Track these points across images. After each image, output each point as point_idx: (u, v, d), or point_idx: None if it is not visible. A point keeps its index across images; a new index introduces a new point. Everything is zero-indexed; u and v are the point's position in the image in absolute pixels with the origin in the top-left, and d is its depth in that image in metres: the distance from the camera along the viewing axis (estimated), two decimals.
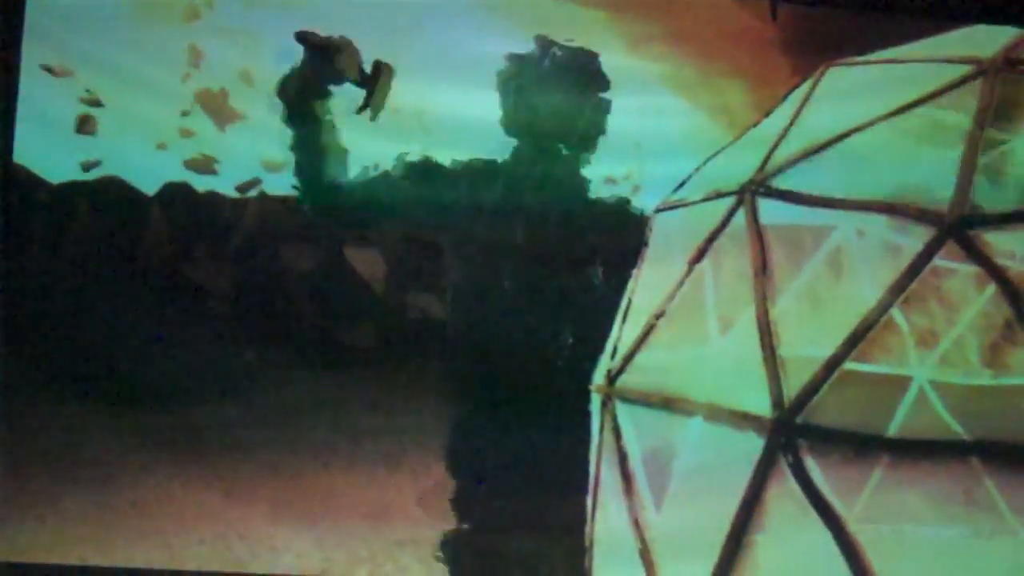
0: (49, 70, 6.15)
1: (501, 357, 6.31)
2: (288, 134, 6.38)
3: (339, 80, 6.37)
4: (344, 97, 6.39)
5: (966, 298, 6.41)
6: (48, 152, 6.21)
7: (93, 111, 6.21)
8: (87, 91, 6.20)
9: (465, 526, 6.10)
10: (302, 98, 6.38)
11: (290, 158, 6.36)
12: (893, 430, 6.34)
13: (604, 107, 6.64)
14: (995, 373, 6.38)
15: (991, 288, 6.38)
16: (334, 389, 6.16)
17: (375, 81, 6.14)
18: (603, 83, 6.67)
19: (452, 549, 6.02)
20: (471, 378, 6.26)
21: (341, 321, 6.27)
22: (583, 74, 6.63)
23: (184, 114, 6.28)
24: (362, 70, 6.15)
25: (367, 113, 6.39)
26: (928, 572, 6.24)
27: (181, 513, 5.90)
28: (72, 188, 6.23)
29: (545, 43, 6.57)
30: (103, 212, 6.25)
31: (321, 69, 6.36)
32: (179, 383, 6.04)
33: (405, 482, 6.07)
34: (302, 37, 6.32)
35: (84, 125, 6.19)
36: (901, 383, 6.36)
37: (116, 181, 6.28)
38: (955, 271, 6.40)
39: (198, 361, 6.11)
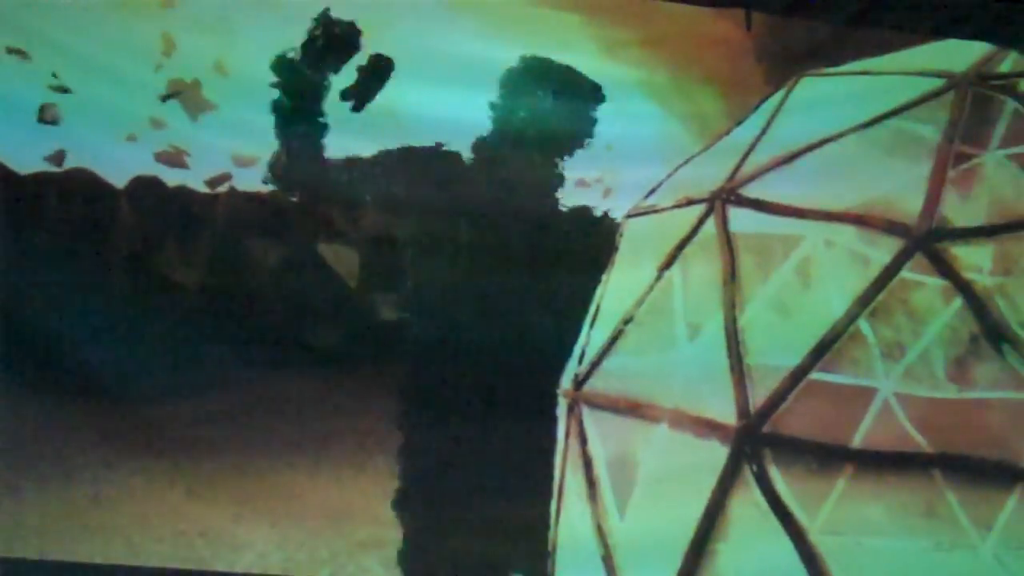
0: (17, 51, 6.10)
1: (468, 360, 6.30)
2: (268, 123, 6.35)
3: (338, 67, 6.34)
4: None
5: (933, 311, 6.43)
6: (13, 141, 6.17)
7: (58, 100, 6.17)
8: (54, 76, 6.15)
9: (428, 528, 6.09)
10: (300, 88, 6.35)
11: (262, 152, 6.33)
12: (857, 441, 6.35)
13: (585, 116, 6.64)
14: (960, 387, 6.40)
15: (958, 301, 6.41)
16: (300, 389, 6.14)
17: (372, 74, 6.11)
18: (589, 92, 6.67)
19: (414, 551, 6.01)
20: (437, 381, 6.24)
21: (308, 321, 6.25)
22: (567, 83, 6.63)
23: (156, 103, 6.24)
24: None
25: (347, 108, 6.36)
26: None
27: (143, 509, 5.86)
28: (40, 179, 6.18)
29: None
30: (71, 204, 6.21)
31: (324, 57, 6.33)
32: (144, 379, 6.01)
33: (369, 483, 6.06)
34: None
35: (45, 113, 6.14)
36: (866, 394, 6.37)
37: (85, 173, 6.24)
38: (922, 284, 6.43)
39: (163, 357, 6.07)
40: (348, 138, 6.42)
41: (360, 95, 6.17)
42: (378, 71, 6.16)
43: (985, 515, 6.36)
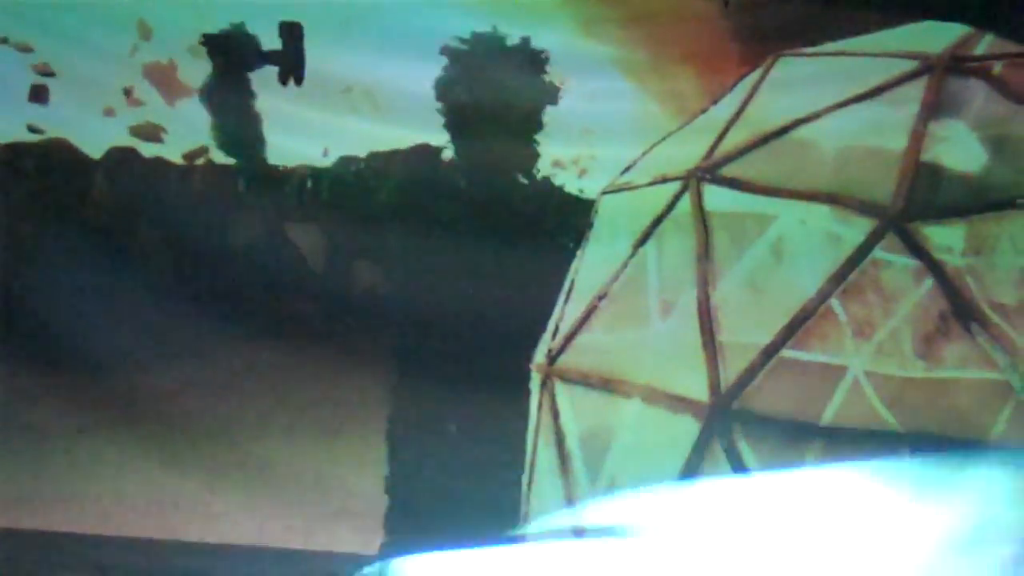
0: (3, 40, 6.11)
1: (442, 333, 6.32)
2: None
3: (252, 65, 6.35)
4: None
5: (904, 290, 6.48)
6: None
7: (45, 80, 6.18)
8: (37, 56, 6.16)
9: (400, 499, 6.12)
10: (223, 92, 6.35)
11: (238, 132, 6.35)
12: (827, 418, 6.41)
13: (552, 92, 6.66)
14: (929, 365, 6.45)
15: (929, 281, 6.45)
16: (274, 360, 6.16)
17: (290, 45, 6.12)
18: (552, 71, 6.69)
19: (387, 521, 6.04)
20: (411, 354, 6.27)
21: (284, 292, 6.27)
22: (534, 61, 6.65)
23: (130, 87, 6.24)
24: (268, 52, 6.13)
25: (296, 85, 6.37)
26: None
27: (116, 479, 5.88)
28: (18, 149, 6.18)
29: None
30: (48, 174, 6.21)
31: (231, 62, 6.34)
32: (118, 348, 6.02)
33: (343, 453, 6.09)
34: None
35: (37, 95, 6.15)
36: (837, 372, 6.42)
37: (62, 144, 6.24)
38: (894, 263, 6.47)
39: (138, 327, 6.08)
40: (324, 118, 6.44)
41: (285, 65, 6.18)
42: (293, 38, 6.16)
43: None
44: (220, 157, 6.34)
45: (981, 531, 6.31)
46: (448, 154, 6.47)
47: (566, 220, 6.53)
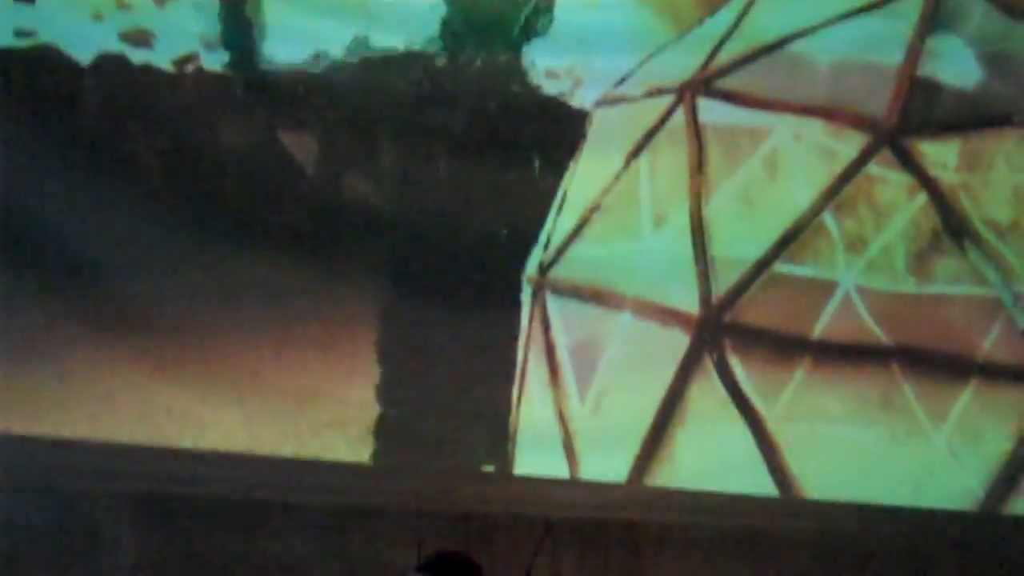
0: None
1: (434, 245, 6.31)
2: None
3: None
4: None
5: (896, 206, 6.48)
6: None
7: None
8: None
9: (391, 410, 6.14)
10: None
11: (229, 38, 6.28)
12: (817, 333, 6.43)
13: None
14: (919, 281, 6.47)
15: (922, 197, 6.45)
16: (266, 270, 6.14)
17: None
18: None
19: (378, 431, 6.07)
20: (403, 265, 6.26)
21: (276, 202, 6.24)
22: None
23: None
24: None
25: None
26: (843, 472, 6.37)
27: (108, 386, 5.88)
28: (5, 56, 6.12)
29: None
30: (37, 81, 6.15)
31: None
32: (109, 257, 5.99)
33: (334, 364, 6.09)
34: None
35: None
36: (828, 287, 6.44)
37: (51, 50, 6.17)
38: (888, 179, 6.46)
39: (129, 235, 6.06)
40: (314, 23, 6.36)
41: None
42: None
43: (940, 407, 6.47)
44: (211, 63, 6.27)
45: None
46: (441, 62, 6.41)
47: (559, 131, 6.49)
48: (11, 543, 5.60)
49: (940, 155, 6.48)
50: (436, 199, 6.32)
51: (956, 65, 6.53)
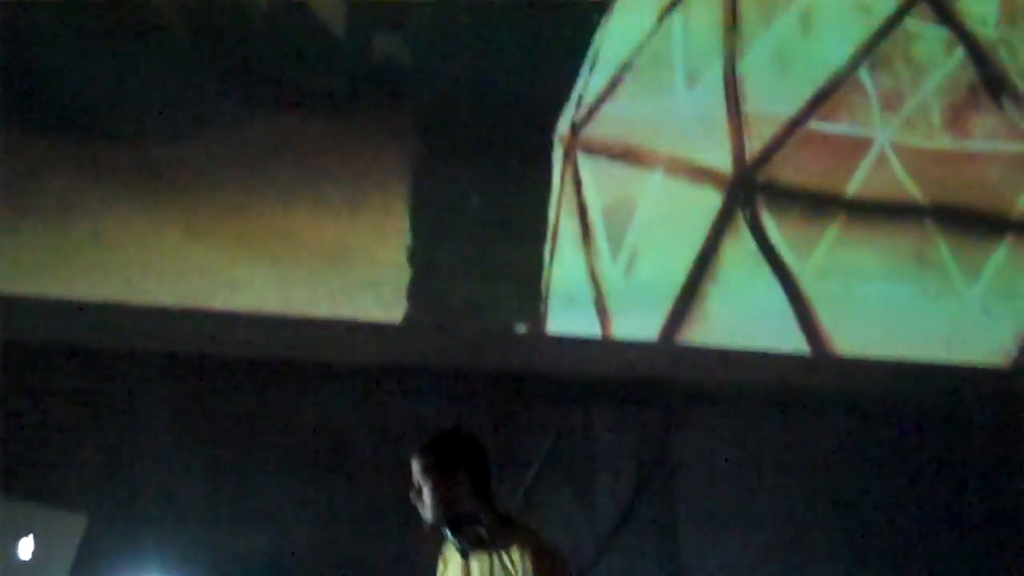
0: None
1: (465, 105, 6.25)
2: None
3: None
4: None
5: (934, 61, 6.39)
6: None
7: None
8: None
9: (423, 270, 6.15)
10: None
11: None
12: (851, 190, 6.40)
13: None
14: (956, 138, 6.41)
15: (960, 52, 6.36)
16: (297, 131, 6.10)
17: None
18: None
19: (410, 291, 6.08)
20: (434, 126, 6.21)
21: (306, 64, 6.18)
22: None
23: None
24: None
25: None
26: (875, 328, 6.38)
27: (141, 248, 5.88)
28: None
29: None
30: None
31: None
32: (140, 118, 5.96)
33: (366, 224, 6.08)
34: None
35: None
36: (863, 144, 6.38)
37: None
38: (925, 34, 6.36)
39: (160, 97, 6.01)
40: None
41: None
42: None
43: (973, 263, 6.46)
44: None
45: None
46: None
47: None
48: (48, 405, 5.67)
49: (979, 9, 6.37)
50: (466, 58, 6.25)
51: None
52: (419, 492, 4.64)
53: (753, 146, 6.31)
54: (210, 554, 5.24)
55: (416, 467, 4.66)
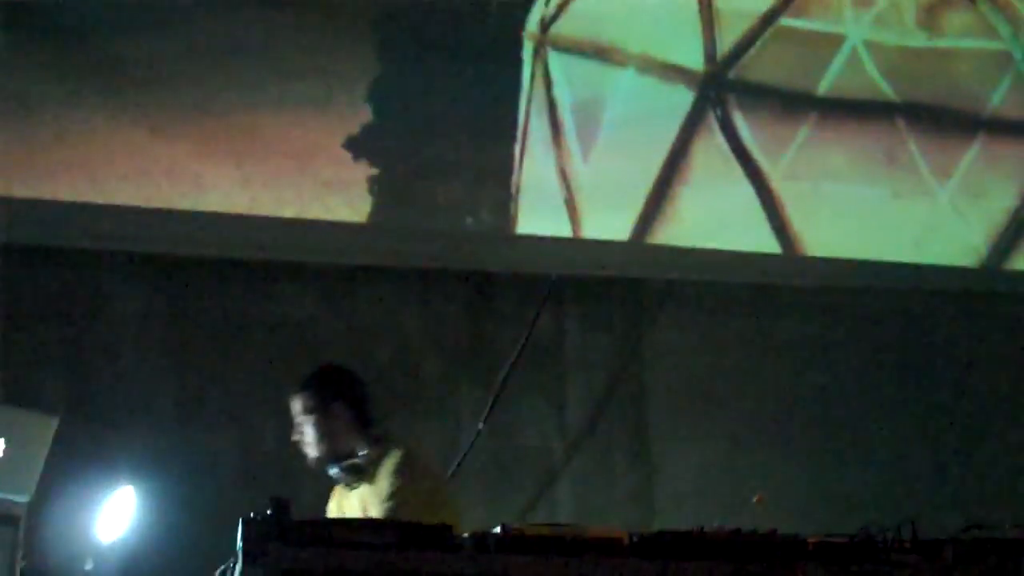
0: None
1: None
2: None
3: None
4: None
5: None
6: None
7: None
8: None
9: (392, 170, 6.08)
10: None
11: None
12: (823, 88, 6.36)
13: None
14: (930, 35, 6.37)
15: None
16: (263, 28, 5.99)
17: None
18: None
19: (378, 191, 6.03)
20: (401, 20, 6.11)
21: None
22: None
23: None
24: None
25: None
26: (845, 229, 6.39)
27: (106, 148, 5.79)
28: None
29: None
30: None
31: None
32: (104, 14, 5.83)
33: (333, 124, 6.00)
34: None
35: None
36: (835, 41, 6.34)
37: None
38: None
39: None
40: None
41: None
42: None
43: (945, 163, 6.46)
44: None
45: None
46: None
47: None
48: (16, 304, 5.61)
49: None
50: None
51: None
52: (301, 434, 4.69)
53: (725, 43, 6.26)
54: (180, 455, 5.21)
55: (296, 408, 4.72)
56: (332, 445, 4.60)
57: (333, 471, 4.42)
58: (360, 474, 4.48)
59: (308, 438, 4.67)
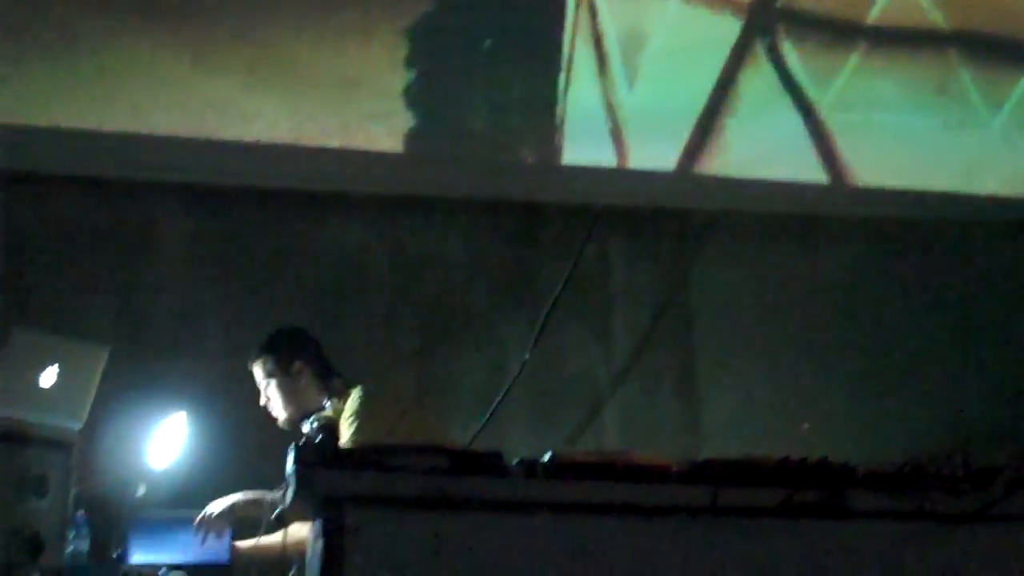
0: None
1: None
2: None
3: None
4: None
5: None
6: None
7: None
8: None
9: (436, 101, 6.04)
10: None
11: None
12: (873, 17, 6.28)
13: None
14: None
15: None
16: None
17: None
18: None
19: (422, 123, 5.99)
20: None
21: None
22: None
23: None
24: None
25: None
26: (895, 159, 6.33)
27: (149, 79, 5.78)
28: None
29: None
30: None
31: None
32: None
33: (376, 53, 5.97)
34: None
35: None
36: None
37: None
38: None
39: None
40: None
41: None
42: None
43: (996, 93, 6.38)
44: None
45: None
46: None
47: None
48: (66, 237, 5.65)
49: None
50: None
51: None
52: (268, 399, 4.75)
53: None
54: (230, 383, 5.24)
55: (258, 375, 4.80)
56: (300, 403, 4.72)
57: (305, 428, 4.45)
58: (331, 427, 4.50)
59: (275, 401, 4.77)
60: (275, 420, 4.82)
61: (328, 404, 4.60)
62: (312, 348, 4.87)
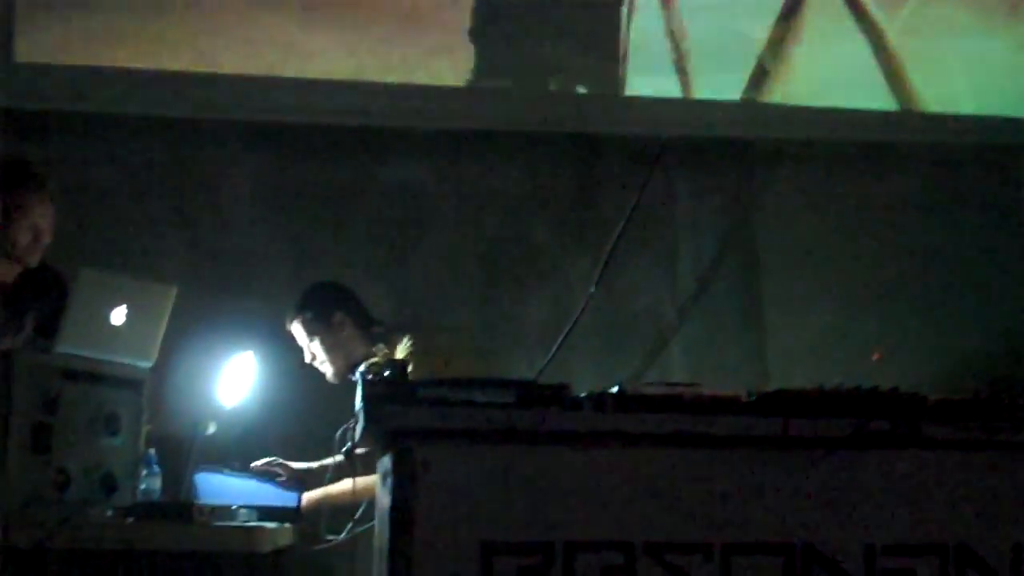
0: None
1: None
2: None
3: None
4: None
5: None
6: None
7: None
8: None
9: (498, 34, 6.00)
10: None
11: None
12: None
13: None
14: None
15: None
16: None
17: None
18: None
19: (484, 57, 5.96)
20: None
21: None
22: None
23: None
24: None
25: None
26: (965, 84, 6.23)
27: (210, 17, 5.80)
28: None
29: None
30: None
31: None
32: None
33: None
34: None
35: None
36: None
37: None
38: None
39: None
40: None
41: None
42: None
43: None
44: None
45: None
46: None
47: None
48: (130, 177, 5.69)
49: None
50: None
51: None
52: (313, 356, 4.75)
53: None
54: None
55: (299, 334, 4.79)
56: (346, 354, 4.74)
57: (356, 378, 4.45)
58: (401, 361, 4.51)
59: (321, 357, 4.78)
60: (323, 376, 4.84)
61: (376, 350, 4.61)
62: (350, 298, 4.87)
